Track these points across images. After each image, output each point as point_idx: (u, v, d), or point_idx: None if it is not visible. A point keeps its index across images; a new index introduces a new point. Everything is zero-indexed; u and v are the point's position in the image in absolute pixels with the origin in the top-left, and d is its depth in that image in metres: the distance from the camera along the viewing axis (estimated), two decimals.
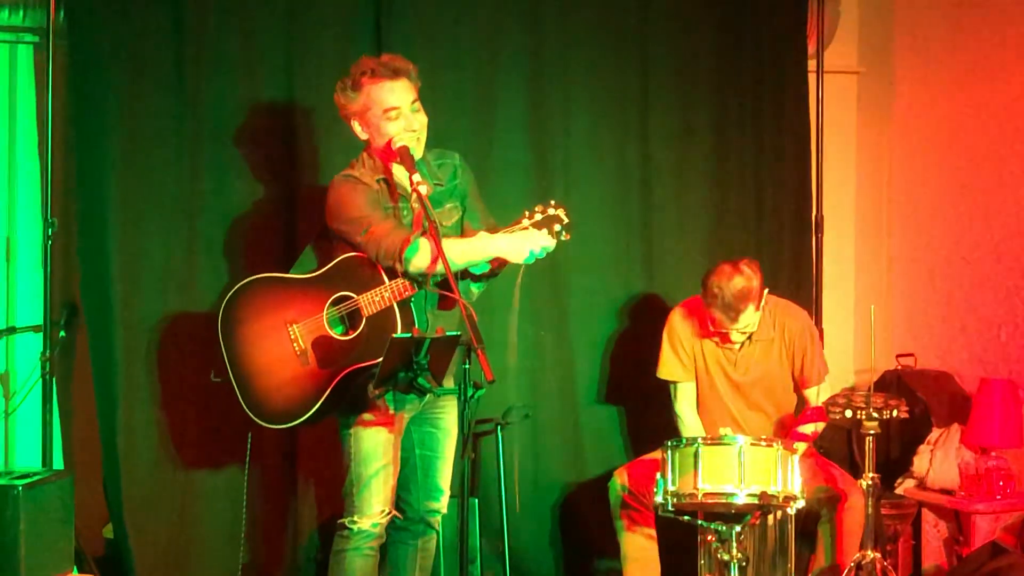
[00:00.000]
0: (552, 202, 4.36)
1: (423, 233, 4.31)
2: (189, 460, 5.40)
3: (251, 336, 4.50)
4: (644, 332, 5.91)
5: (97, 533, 5.47)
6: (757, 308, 5.19)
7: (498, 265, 4.44)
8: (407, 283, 4.34)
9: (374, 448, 4.46)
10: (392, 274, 4.35)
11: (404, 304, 4.36)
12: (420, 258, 4.29)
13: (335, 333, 4.42)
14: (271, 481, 5.47)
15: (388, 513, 4.49)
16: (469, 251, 4.38)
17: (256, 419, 4.49)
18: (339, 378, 4.37)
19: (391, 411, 4.47)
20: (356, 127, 4.48)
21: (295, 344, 4.43)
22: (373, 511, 4.46)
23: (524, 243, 4.31)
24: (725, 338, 5.30)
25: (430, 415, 4.61)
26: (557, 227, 4.35)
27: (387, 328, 4.28)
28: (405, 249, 4.29)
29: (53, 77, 5.25)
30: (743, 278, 5.11)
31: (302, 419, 4.43)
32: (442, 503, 4.67)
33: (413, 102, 4.46)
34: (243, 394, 4.49)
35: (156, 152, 5.35)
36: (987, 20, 6.18)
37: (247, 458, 4.98)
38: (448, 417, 4.64)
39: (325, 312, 4.43)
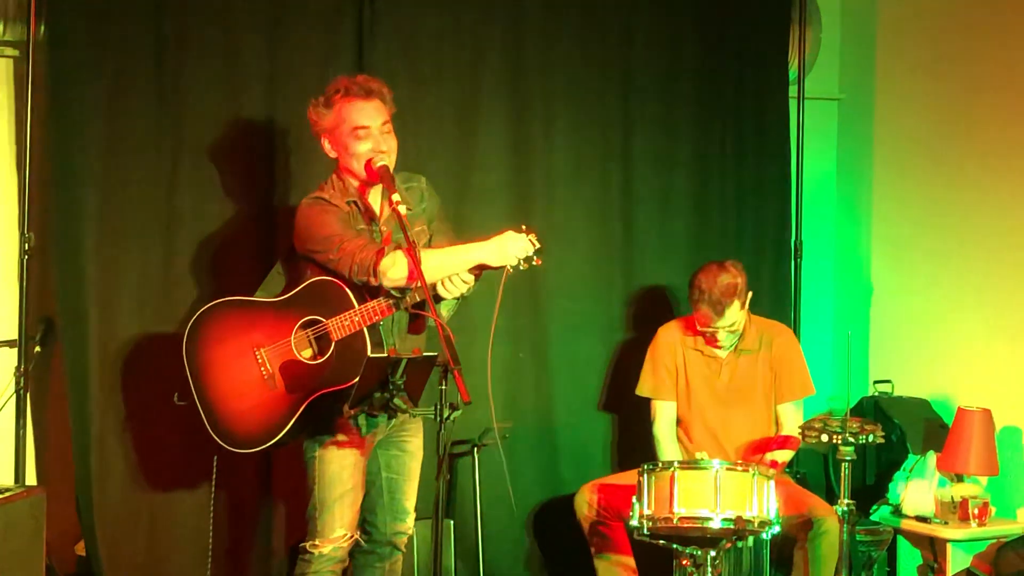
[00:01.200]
0: (524, 226, 4.33)
1: (398, 247, 4.29)
2: (162, 478, 5.37)
3: (217, 360, 4.47)
4: (623, 354, 5.94)
5: (69, 550, 5.43)
6: (743, 306, 5.31)
7: (478, 274, 4.37)
8: (378, 306, 4.32)
9: (339, 472, 4.43)
10: (370, 292, 4.33)
11: (373, 328, 4.35)
12: (397, 269, 4.26)
13: (303, 357, 4.40)
14: (240, 502, 5.43)
15: (351, 537, 4.47)
16: (448, 261, 4.32)
17: (223, 443, 4.46)
18: (308, 402, 4.35)
19: (361, 435, 4.45)
20: (325, 144, 4.47)
21: (262, 368, 4.41)
22: (335, 535, 4.44)
23: (504, 245, 4.27)
24: (712, 341, 5.33)
25: (396, 438, 4.59)
26: (532, 254, 4.31)
27: (356, 352, 4.26)
28: (380, 261, 4.27)
29: (32, 91, 5.23)
30: (729, 275, 5.26)
31: (269, 444, 4.41)
32: (408, 524, 4.65)
33: (384, 123, 4.45)
34: (209, 418, 4.46)
35: (134, 168, 5.32)
36: (969, 47, 6.21)
37: (213, 481, 4.92)
38: (415, 440, 4.63)
39: (293, 336, 4.41)
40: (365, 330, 4.33)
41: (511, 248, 4.27)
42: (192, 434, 5.06)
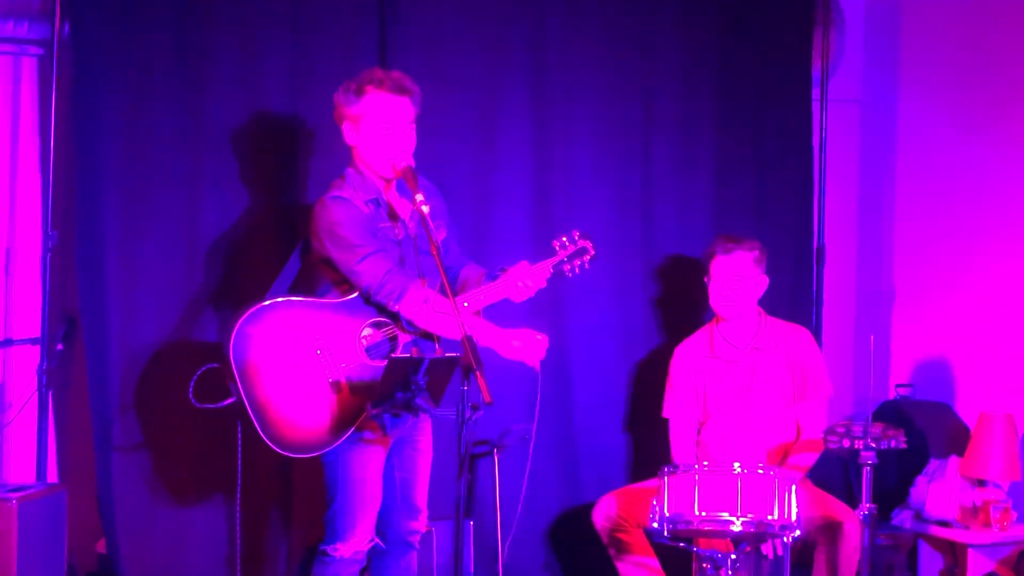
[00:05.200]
0: (577, 233, 4.47)
1: (426, 283, 4.34)
2: (182, 478, 5.37)
3: (272, 361, 4.37)
4: (644, 359, 5.92)
5: (90, 548, 5.44)
6: (752, 262, 5.42)
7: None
8: (452, 304, 4.29)
9: (363, 476, 4.43)
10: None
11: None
12: (420, 318, 4.35)
13: (370, 359, 4.38)
14: (257, 502, 5.42)
15: (371, 541, 4.47)
16: (448, 325, 4.33)
17: (275, 447, 4.38)
18: None
19: (385, 433, 4.45)
20: (347, 129, 4.47)
21: (326, 371, 4.38)
22: (357, 539, 4.44)
23: (512, 344, 4.40)
24: (716, 296, 5.43)
25: (410, 437, 4.59)
26: (586, 258, 4.51)
27: (426, 352, 4.28)
28: (407, 297, 4.32)
29: (56, 90, 5.25)
30: (751, 240, 5.47)
31: (330, 448, 4.38)
32: (421, 522, 4.66)
33: (411, 122, 4.46)
34: (262, 423, 4.35)
35: (157, 167, 5.33)
36: (993, 50, 6.19)
37: (239, 482, 4.82)
38: (424, 438, 4.64)
39: (360, 337, 4.40)
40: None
41: (521, 352, 4.42)
42: (212, 434, 5.10)
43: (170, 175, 5.36)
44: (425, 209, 4.29)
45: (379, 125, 4.42)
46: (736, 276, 5.40)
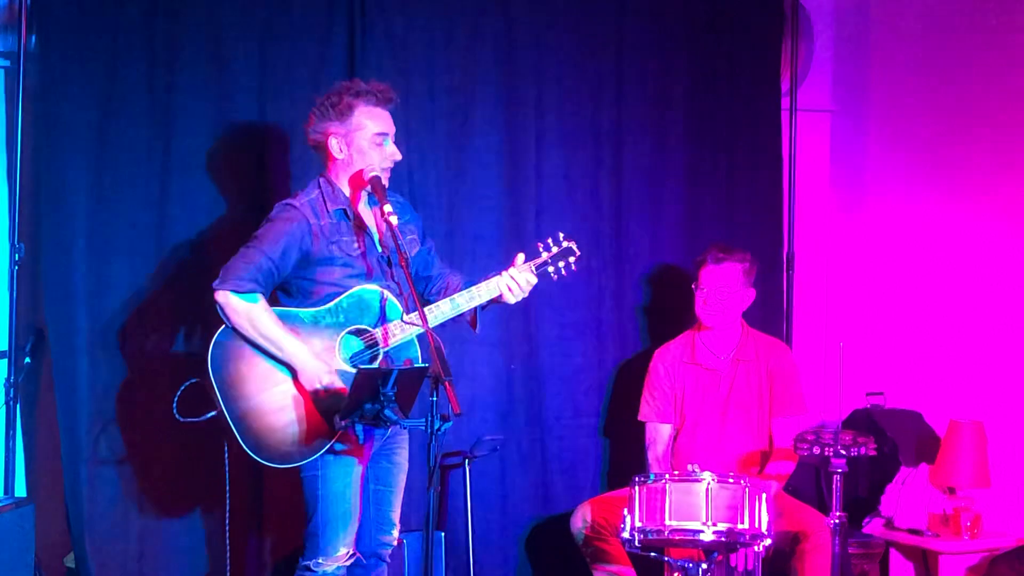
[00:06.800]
0: (562, 235, 4.54)
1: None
2: (152, 490, 5.34)
3: (253, 373, 4.37)
4: (617, 366, 5.92)
5: (59, 562, 5.40)
6: (741, 275, 5.42)
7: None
8: (420, 315, 4.31)
9: (343, 490, 4.41)
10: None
11: (423, 335, 4.35)
12: (239, 312, 4.31)
13: (350, 367, 4.37)
14: (242, 518, 5.39)
15: (352, 555, 4.45)
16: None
17: (259, 459, 4.36)
18: None
19: (360, 441, 4.43)
20: (334, 144, 4.46)
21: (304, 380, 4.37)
22: (339, 553, 4.42)
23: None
24: (701, 305, 5.43)
25: (387, 450, 4.58)
26: (571, 259, 4.58)
27: (408, 360, 4.28)
28: (243, 292, 4.30)
29: (22, 101, 5.22)
30: (741, 250, 5.49)
31: (313, 458, 4.36)
32: (392, 535, 4.65)
33: (395, 133, 4.48)
34: (242, 433, 4.34)
35: (125, 177, 5.30)
36: (962, 58, 6.22)
37: (227, 489, 4.71)
38: (402, 451, 4.63)
39: (338, 346, 4.38)
40: (415, 340, 4.39)
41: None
42: (184, 447, 5.07)
43: (138, 186, 5.33)
44: (394, 220, 4.28)
45: (373, 137, 4.44)
46: (724, 287, 5.39)
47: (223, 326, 4.40)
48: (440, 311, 4.44)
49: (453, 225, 5.69)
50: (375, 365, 4.36)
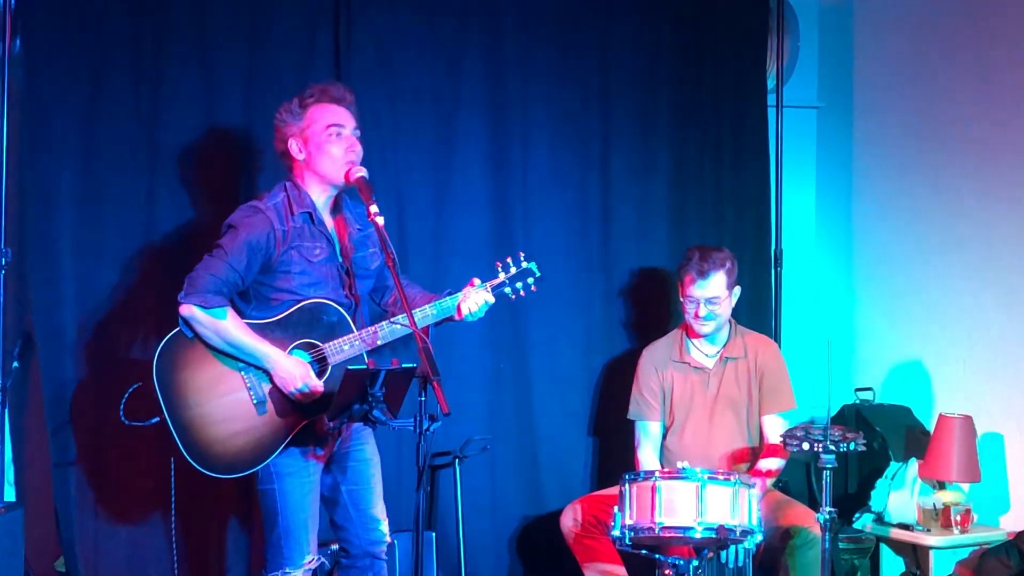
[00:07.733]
0: (522, 255, 4.51)
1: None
2: (143, 496, 5.32)
3: (196, 381, 4.37)
4: (605, 365, 5.92)
5: (49, 567, 5.39)
6: (727, 285, 5.35)
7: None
8: (380, 331, 4.33)
9: (300, 500, 4.41)
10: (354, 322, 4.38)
11: (374, 352, 4.35)
12: (205, 325, 4.30)
13: None
14: (199, 526, 5.38)
15: (317, 560, 4.44)
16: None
17: (201, 469, 4.37)
18: (300, 427, 4.33)
19: (315, 452, 4.43)
20: (293, 146, 4.47)
21: (251, 392, 4.37)
22: (305, 560, 4.41)
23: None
24: (694, 321, 5.36)
25: (349, 450, 4.56)
26: (530, 279, 4.54)
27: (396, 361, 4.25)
28: (210, 307, 4.30)
29: (8, 106, 5.20)
30: (720, 252, 5.39)
31: (256, 469, 4.37)
32: (383, 532, 4.62)
33: (355, 128, 4.48)
34: (186, 443, 4.35)
35: (112, 181, 5.28)
36: (947, 55, 6.23)
37: (172, 506, 4.77)
38: (367, 447, 4.61)
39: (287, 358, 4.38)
40: (364, 355, 4.36)
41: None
42: (166, 453, 5.05)
43: (125, 190, 5.31)
44: (380, 220, 4.28)
45: (325, 130, 4.44)
46: (711, 299, 5.36)
47: (171, 334, 4.40)
48: (391, 328, 4.42)
49: (440, 225, 5.68)
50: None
